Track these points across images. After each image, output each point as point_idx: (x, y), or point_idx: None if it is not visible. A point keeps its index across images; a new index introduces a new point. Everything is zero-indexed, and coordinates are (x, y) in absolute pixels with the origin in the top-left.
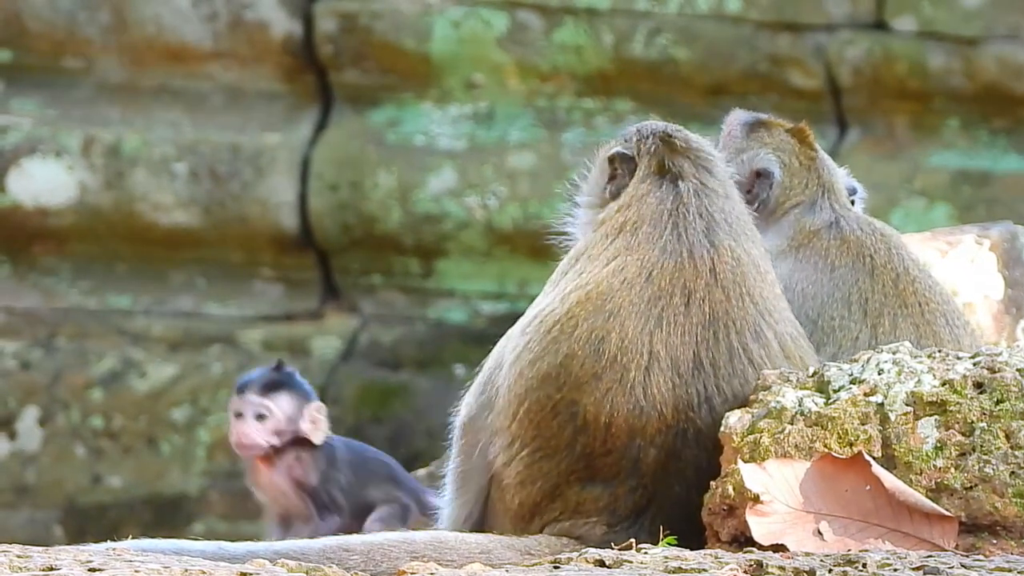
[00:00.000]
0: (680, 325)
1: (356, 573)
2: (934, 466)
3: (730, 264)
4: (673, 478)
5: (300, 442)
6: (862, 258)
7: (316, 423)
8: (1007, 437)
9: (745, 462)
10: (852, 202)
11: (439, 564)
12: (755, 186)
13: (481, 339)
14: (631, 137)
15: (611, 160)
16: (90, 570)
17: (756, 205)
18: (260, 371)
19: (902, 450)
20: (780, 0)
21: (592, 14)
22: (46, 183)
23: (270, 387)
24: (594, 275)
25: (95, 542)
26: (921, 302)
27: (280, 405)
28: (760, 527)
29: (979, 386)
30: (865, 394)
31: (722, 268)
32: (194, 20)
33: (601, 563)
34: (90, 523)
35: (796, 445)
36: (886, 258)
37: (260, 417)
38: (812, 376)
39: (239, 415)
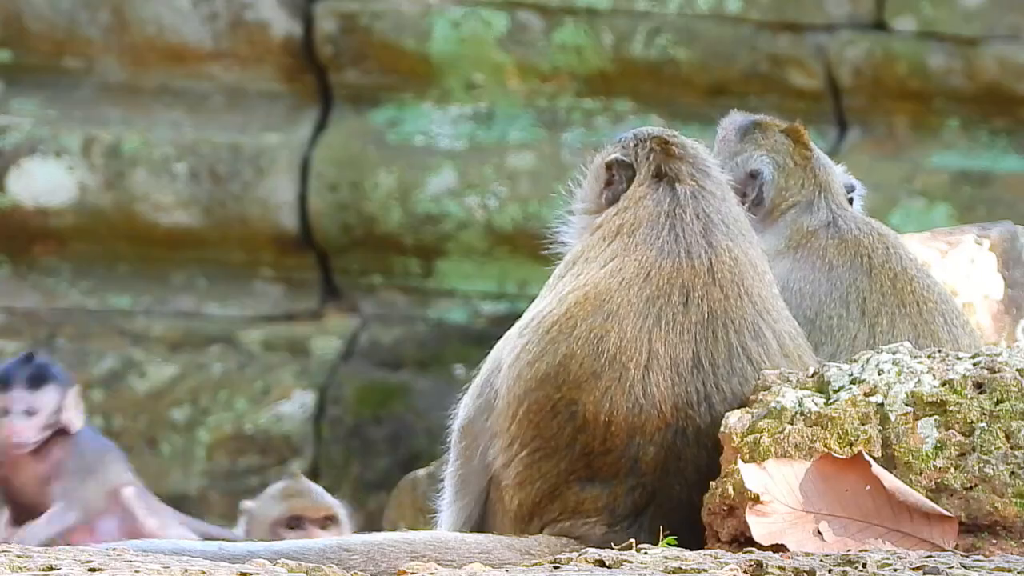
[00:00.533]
0: (679, 324)
1: (356, 573)
2: (934, 466)
3: (728, 264)
4: (673, 477)
5: (60, 429)
6: (860, 257)
7: (75, 409)
8: (1007, 437)
9: (745, 462)
10: (851, 200)
11: (439, 564)
12: (747, 187)
13: (481, 339)
14: (628, 143)
15: (608, 166)
16: (90, 570)
17: (748, 206)
18: (16, 364)
19: (902, 450)
20: (780, 0)
21: (592, 14)
22: (46, 183)
23: (36, 382)
24: (592, 276)
25: (95, 542)
26: (919, 301)
27: (47, 399)
28: (760, 527)
29: (979, 386)
30: (865, 394)
31: (720, 267)
32: (194, 20)
33: (601, 563)
34: None
35: (796, 445)
36: (884, 257)
37: (28, 413)
38: (812, 376)
39: (5, 412)
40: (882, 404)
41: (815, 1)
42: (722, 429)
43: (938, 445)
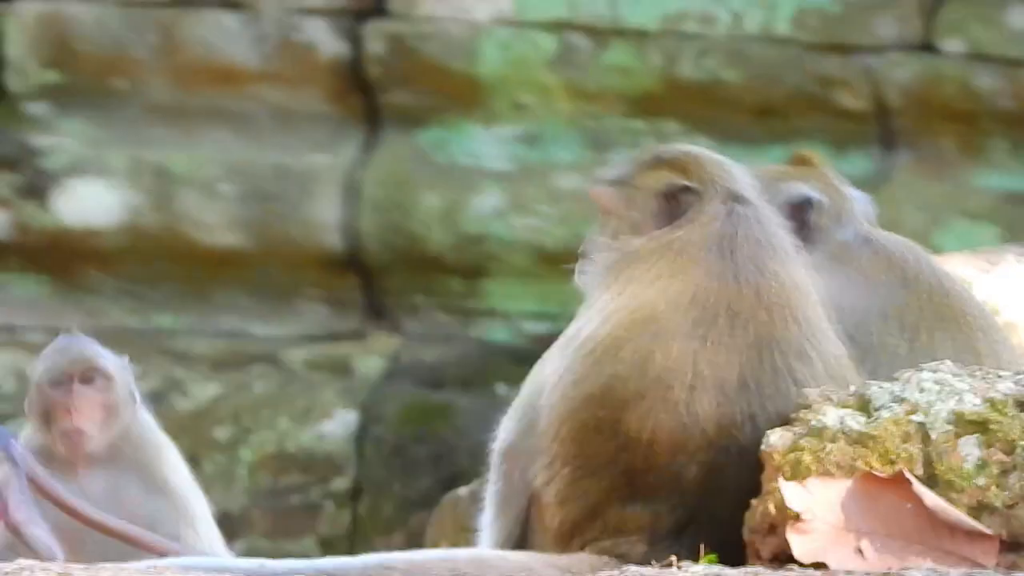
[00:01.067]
0: (725, 345)
1: None
2: (975, 485)
3: (775, 288)
4: (715, 496)
5: None
6: (894, 270)
7: None
8: None
9: (786, 480)
10: None
11: None
12: (800, 215)
13: (525, 358)
14: (690, 168)
15: (671, 194)
16: None
17: (805, 233)
18: None
19: (943, 469)
20: (829, 22)
21: (641, 36)
22: (93, 204)
23: None
24: (637, 297)
25: (137, 560)
26: (958, 316)
27: None
28: (801, 545)
29: (1021, 405)
30: (907, 412)
31: (767, 291)
32: (242, 41)
33: None
34: None
35: (837, 463)
36: (917, 270)
37: None
38: (853, 395)
39: None
40: (924, 422)
41: (864, 23)
42: (763, 447)
43: (980, 463)
